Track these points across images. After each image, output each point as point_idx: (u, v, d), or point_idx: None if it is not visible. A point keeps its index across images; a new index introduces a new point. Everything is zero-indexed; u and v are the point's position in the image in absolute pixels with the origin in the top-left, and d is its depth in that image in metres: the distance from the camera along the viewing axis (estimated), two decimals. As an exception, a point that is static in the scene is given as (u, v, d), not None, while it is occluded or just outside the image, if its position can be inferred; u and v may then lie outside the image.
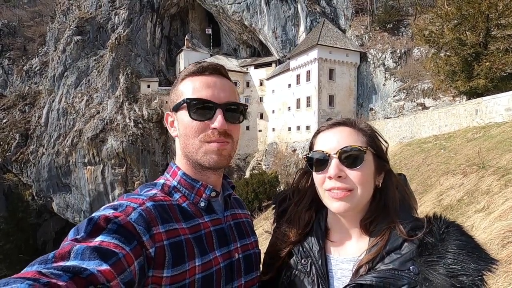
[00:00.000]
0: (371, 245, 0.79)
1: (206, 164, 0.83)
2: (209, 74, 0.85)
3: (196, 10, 46.33)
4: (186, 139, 0.83)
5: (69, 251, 0.56)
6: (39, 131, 40.99)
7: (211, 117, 0.81)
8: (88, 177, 37.93)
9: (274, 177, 23.85)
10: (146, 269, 0.67)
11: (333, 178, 0.79)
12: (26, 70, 45.54)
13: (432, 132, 15.89)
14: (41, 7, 54.27)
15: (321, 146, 0.85)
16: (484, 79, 14.78)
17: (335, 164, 0.79)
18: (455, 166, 7.21)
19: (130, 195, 0.78)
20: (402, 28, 32.25)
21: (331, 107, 30.64)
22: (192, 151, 0.83)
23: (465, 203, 5.08)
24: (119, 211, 0.69)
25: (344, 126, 0.86)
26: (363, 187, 0.79)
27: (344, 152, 0.79)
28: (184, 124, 0.83)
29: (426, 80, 25.86)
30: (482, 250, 0.68)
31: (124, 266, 0.60)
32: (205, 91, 0.82)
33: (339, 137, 0.83)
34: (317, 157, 0.84)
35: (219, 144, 0.82)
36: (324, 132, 0.88)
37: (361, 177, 0.79)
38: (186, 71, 0.87)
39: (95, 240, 0.61)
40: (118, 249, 0.61)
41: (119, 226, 0.65)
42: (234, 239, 0.88)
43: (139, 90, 40.68)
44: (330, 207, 0.82)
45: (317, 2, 36.24)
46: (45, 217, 40.77)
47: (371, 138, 0.85)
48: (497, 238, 3.38)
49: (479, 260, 0.65)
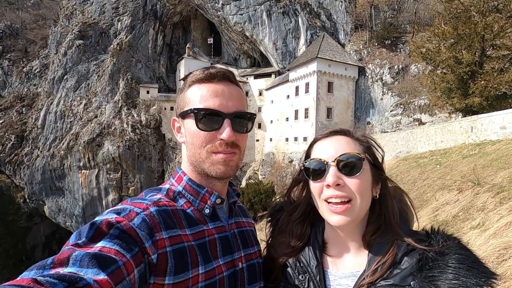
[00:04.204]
0: (376, 262, 0.76)
1: (213, 174, 0.82)
2: (217, 81, 0.83)
3: (199, 19, 47.05)
4: (193, 147, 0.82)
5: (68, 257, 0.55)
6: (35, 133, 40.67)
7: (218, 128, 0.80)
8: (83, 181, 37.48)
9: (270, 188, 23.73)
10: (148, 276, 0.66)
11: (331, 186, 0.77)
12: (26, 72, 45.53)
13: (428, 147, 16.03)
14: (45, 11, 54.77)
15: (318, 154, 0.83)
16: (479, 97, 15.04)
17: (333, 172, 0.78)
18: (451, 182, 7.26)
19: (134, 199, 0.77)
20: (400, 45, 32.93)
21: (329, 119, 30.89)
22: (199, 160, 0.82)
23: (461, 219, 5.09)
24: (122, 215, 0.68)
25: (341, 135, 0.85)
26: (361, 197, 0.78)
27: (342, 160, 0.78)
28: (191, 133, 0.82)
29: (423, 96, 26.25)
30: (482, 264, 0.67)
31: (123, 275, 0.58)
32: (213, 100, 0.80)
33: (336, 145, 0.82)
34: (314, 165, 0.82)
35: (226, 155, 0.81)
36: (321, 141, 0.86)
37: (360, 185, 0.77)
38: (194, 77, 0.85)
39: (95, 246, 0.60)
40: (119, 256, 0.59)
41: (121, 231, 0.64)
42: (238, 247, 0.87)
43: (139, 95, 40.77)
44: (330, 220, 0.79)
45: (318, 17, 37.03)
46: (36, 221, 39.98)
47: (368, 148, 0.84)
48: (493, 255, 3.38)
49: (480, 275, 0.64)
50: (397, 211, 0.82)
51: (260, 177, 33.69)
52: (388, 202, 0.82)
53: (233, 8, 39.12)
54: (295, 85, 33.31)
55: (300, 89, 32.62)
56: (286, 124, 34.68)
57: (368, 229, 0.81)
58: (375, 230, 0.80)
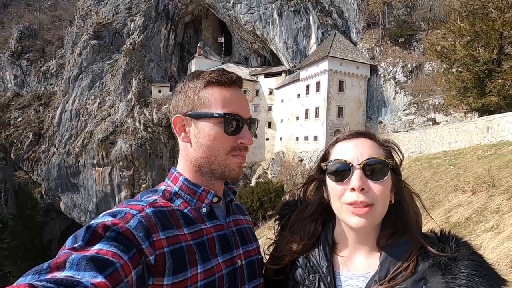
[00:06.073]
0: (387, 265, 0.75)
1: (229, 176, 0.84)
2: (235, 86, 0.85)
3: (210, 19, 47.33)
4: (209, 150, 0.81)
5: (64, 261, 0.55)
6: (51, 131, 41.97)
7: (238, 132, 0.82)
8: (96, 178, 38.45)
9: (280, 187, 23.72)
10: (146, 278, 0.66)
11: (356, 190, 0.75)
12: (43, 71, 47.00)
13: (442, 148, 15.66)
14: (61, 12, 56.37)
15: (341, 155, 0.80)
16: (496, 96, 14.59)
17: (359, 175, 0.75)
18: (464, 183, 7.09)
19: (129, 202, 0.76)
20: (414, 43, 32.20)
21: (339, 118, 30.57)
22: (213, 162, 0.82)
23: (474, 221, 4.98)
24: (118, 218, 0.68)
25: (366, 138, 0.83)
26: (383, 202, 0.77)
27: (369, 164, 0.76)
28: (211, 136, 0.81)
29: (437, 95, 25.62)
30: (493, 271, 0.67)
31: (120, 277, 0.58)
32: (237, 106, 0.82)
33: (362, 148, 0.79)
34: (337, 166, 0.79)
35: (242, 158, 0.85)
36: (344, 141, 0.84)
37: (383, 191, 0.76)
38: (211, 77, 0.82)
39: (92, 249, 0.59)
40: (116, 258, 0.59)
41: (118, 233, 0.63)
42: (236, 245, 0.87)
43: (151, 94, 41.42)
44: (349, 222, 0.78)
45: (329, 15, 36.62)
46: (52, 216, 41.31)
47: (390, 153, 0.83)
48: (506, 258, 3.31)
49: (492, 281, 0.65)
50: (415, 216, 0.81)
51: (270, 176, 33.68)
52: (405, 207, 0.81)
53: (244, 7, 39.16)
54: (305, 84, 33.09)
55: (310, 88, 32.38)
56: (296, 124, 34.52)
57: (383, 233, 0.80)
58: (391, 235, 0.79)
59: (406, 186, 0.85)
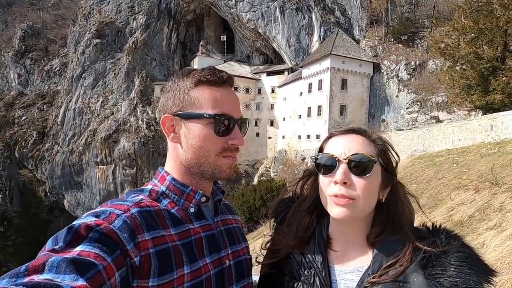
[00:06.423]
0: (381, 261, 0.77)
1: (219, 177, 0.83)
2: (227, 86, 0.83)
3: (212, 17, 47.29)
4: (199, 151, 0.80)
5: (43, 263, 0.52)
6: (55, 130, 42.26)
7: (229, 133, 0.80)
8: (100, 176, 38.71)
9: (282, 185, 23.72)
10: (130, 280, 0.64)
11: (338, 183, 0.78)
12: (46, 70, 47.25)
13: (445, 146, 15.58)
14: (64, 11, 56.51)
15: (331, 150, 0.83)
16: (501, 94, 14.47)
17: (343, 169, 0.78)
18: (467, 181, 7.07)
19: (114, 201, 0.73)
20: (417, 40, 32.00)
21: (342, 116, 30.49)
22: (203, 163, 0.81)
23: (477, 219, 4.97)
24: (102, 218, 0.65)
25: (357, 135, 0.84)
26: (365, 198, 0.78)
27: (354, 160, 0.78)
28: (201, 137, 0.79)
29: (440, 93, 25.46)
30: (482, 262, 0.70)
31: (103, 279, 0.55)
32: (228, 106, 0.80)
33: (351, 144, 0.82)
34: (325, 160, 0.82)
35: (233, 159, 0.83)
36: (336, 137, 0.86)
37: (366, 187, 0.78)
38: (202, 76, 0.80)
39: (74, 251, 0.56)
40: (99, 260, 0.56)
41: (101, 234, 0.61)
42: (225, 245, 0.85)
43: (153, 93, 41.54)
44: (331, 212, 0.81)
45: (332, 12, 36.45)
46: (56, 214, 41.64)
47: (382, 151, 0.83)
48: (508, 256, 3.31)
49: (481, 272, 0.66)
50: (407, 215, 0.82)
51: (272, 174, 33.70)
52: (400, 207, 0.82)
53: (246, 5, 39.07)
54: (308, 82, 33.02)
55: (313, 86, 32.31)
56: (298, 122, 34.48)
57: (373, 231, 0.82)
58: (380, 233, 0.80)
59: (401, 186, 0.86)
